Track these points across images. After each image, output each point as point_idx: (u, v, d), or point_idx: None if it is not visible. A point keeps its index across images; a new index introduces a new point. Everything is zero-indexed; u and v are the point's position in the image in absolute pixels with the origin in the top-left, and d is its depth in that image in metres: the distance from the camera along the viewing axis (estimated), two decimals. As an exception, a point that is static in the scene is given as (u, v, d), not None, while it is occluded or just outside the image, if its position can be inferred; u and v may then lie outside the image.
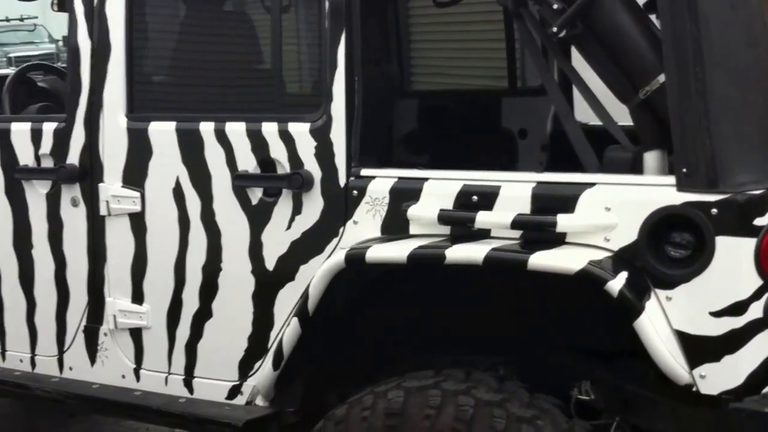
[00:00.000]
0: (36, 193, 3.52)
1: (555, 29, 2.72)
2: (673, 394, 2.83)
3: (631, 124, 2.83)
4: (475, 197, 2.77)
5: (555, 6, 2.72)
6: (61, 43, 26.56)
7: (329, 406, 3.20)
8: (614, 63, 2.74)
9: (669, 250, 2.55)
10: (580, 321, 2.96)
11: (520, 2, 2.87)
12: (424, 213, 2.82)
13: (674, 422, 2.86)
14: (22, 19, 26.21)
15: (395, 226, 2.88)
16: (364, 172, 2.95)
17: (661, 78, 2.63)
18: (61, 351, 3.59)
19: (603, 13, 2.70)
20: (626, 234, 2.58)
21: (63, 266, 3.51)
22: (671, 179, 2.54)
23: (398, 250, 2.79)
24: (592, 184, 2.64)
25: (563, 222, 2.63)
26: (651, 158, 2.73)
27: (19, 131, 3.54)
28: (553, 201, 2.68)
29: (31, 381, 3.60)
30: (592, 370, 2.97)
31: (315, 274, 2.97)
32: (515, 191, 2.73)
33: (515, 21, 2.97)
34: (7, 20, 25.87)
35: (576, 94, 3.14)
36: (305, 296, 2.98)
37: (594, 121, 3.11)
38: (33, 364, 3.66)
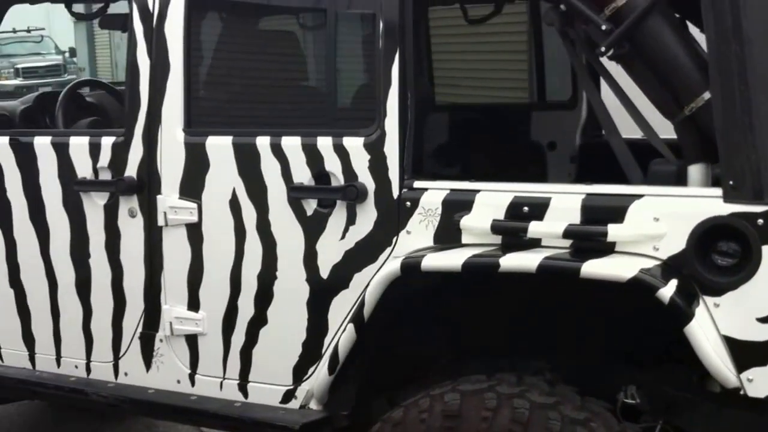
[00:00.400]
0: (94, 205, 3.65)
1: (603, 49, 2.86)
2: (715, 397, 2.98)
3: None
4: (526, 208, 2.90)
5: (603, 27, 2.86)
6: (67, 54, 26.85)
7: (376, 410, 3.35)
8: (659, 81, 2.88)
9: (716, 258, 2.68)
10: (621, 327, 3.10)
11: (567, 23, 3.02)
12: (477, 223, 2.95)
13: (716, 424, 3.00)
14: (29, 30, 26.37)
15: (447, 235, 3.01)
16: (417, 184, 3.08)
17: (706, 95, 2.76)
18: (116, 357, 3.72)
19: (649, 34, 2.84)
20: (675, 243, 2.72)
21: (120, 275, 3.64)
22: (718, 191, 2.68)
23: (453, 259, 2.92)
24: (641, 196, 2.78)
25: (614, 231, 2.76)
26: (695, 171, 2.87)
27: (78, 145, 3.67)
28: (603, 212, 2.81)
29: (87, 386, 3.73)
30: (635, 374, 3.11)
31: (370, 281, 3.11)
32: (565, 202, 2.86)
33: (562, 40, 3.10)
34: (14, 31, 26.01)
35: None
36: (361, 303, 3.11)
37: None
38: (88, 370, 3.79)
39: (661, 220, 2.73)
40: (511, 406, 2.83)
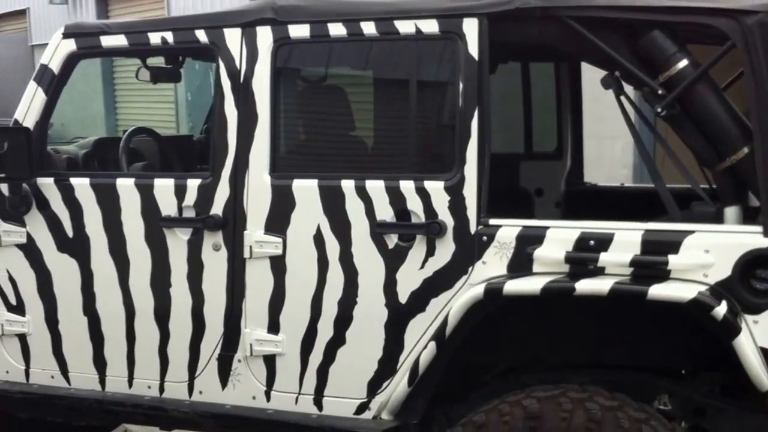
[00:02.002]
0: (177, 239, 4.03)
1: (659, 109, 3.47)
2: (740, 403, 3.59)
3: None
4: (592, 242, 3.46)
5: (660, 92, 3.47)
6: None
7: (437, 419, 3.83)
8: (703, 137, 3.51)
9: (755, 283, 3.30)
10: (653, 343, 3.70)
11: (622, 88, 3.64)
12: (549, 254, 3.49)
13: (741, 426, 3.60)
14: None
15: (520, 265, 3.55)
16: (492, 221, 3.62)
17: (746, 149, 3.40)
18: (192, 377, 4.09)
19: (697, 98, 3.47)
20: (721, 271, 3.32)
21: (200, 302, 4.02)
22: (758, 228, 3.31)
23: (532, 284, 3.46)
24: (693, 232, 3.38)
25: (673, 261, 3.35)
26: (731, 212, 3.50)
27: (163, 186, 4.07)
28: (660, 245, 3.39)
29: (166, 404, 4.09)
30: (667, 384, 3.70)
31: (446, 304, 3.61)
32: (627, 237, 3.43)
33: (617, 101, 3.72)
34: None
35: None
36: (443, 323, 3.61)
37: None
38: (162, 389, 4.14)
39: (711, 251, 3.34)
40: (585, 407, 3.37)
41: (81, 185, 4.20)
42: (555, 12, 3.58)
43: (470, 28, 3.62)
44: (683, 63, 3.47)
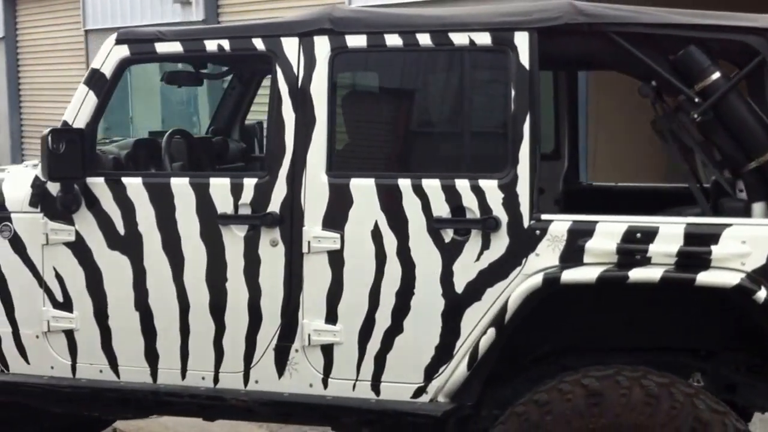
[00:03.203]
0: (233, 236, 4.24)
1: (696, 115, 3.88)
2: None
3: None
4: (638, 234, 3.83)
5: (696, 100, 3.88)
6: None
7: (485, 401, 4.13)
8: (733, 140, 3.92)
9: None
10: (685, 327, 4.10)
11: (660, 96, 4.03)
12: (600, 246, 3.85)
13: None
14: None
15: (571, 256, 3.89)
16: (544, 216, 3.96)
17: None
18: (247, 367, 4.29)
19: (729, 106, 3.89)
20: (757, 259, 3.74)
21: (257, 295, 4.23)
22: None
23: (587, 274, 3.81)
24: (730, 225, 3.79)
25: (716, 251, 3.75)
26: (758, 207, 3.92)
27: (219, 185, 4.26)
28: (701, 237, 3.79)
29: (224, 393, 4.29)
30: (699, 363, 4.10)
31: (507, 293, 3.93)
32: (671, 230, 3.82)
33: (654, 109, 4.10)
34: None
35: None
36: (502, 310, 3.93)
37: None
38: (216, 380, 4.33)
39: (747, 242, 3.75)
40: (641, 384, 3.74)
41: (133, 184, 4.36)
42: (601, 27, 3.95)
43: (521, 40, 3.96)
44: (716, 75, 3.89)
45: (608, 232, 3.87)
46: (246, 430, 6.05)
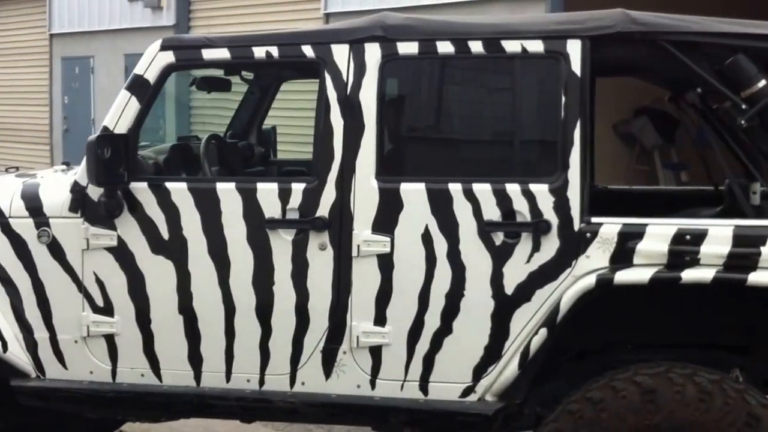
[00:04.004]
0: (281, 240, 4.26)
1: (743, 122, 4.00)
2: None
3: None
4: (688, 236, 3.94)
5: (744, 107, 4.00)
6: None
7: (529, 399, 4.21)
8: None
9: None
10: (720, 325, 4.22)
11: (706, 103, 4.15)
12: (650, 248, 3.94)
13: None
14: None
15: (621, 258, 3.98)
16: (594, 219, 4.05)
17: None
18: (294, 369, 4.31)
19: None
20: None
21: (305, 298, 4.26)
22: None
23: (640, 275, 3.91)
24: None
25: (765, 252, 3.87)
26: (800, 210, 4.07)
27: (267, 189, 4.29)
28: (749, 239, 3.90)
29: (271, 396, 4.31)
30: (738, 359, 4.22)
31: (558, 294, 4.01)
32: (720, 232, 3.93)
33: (702, 114, 4.22)
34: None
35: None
36: (554, 310, 4.00)
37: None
38: (261, 382, 4.35)
39: None
40: (694, 381, 3.84)
41: (178, 189, 4.37)
42: (653, 36, 4.06)
43: (574, 48, 4.05)
44: (763, 82, 4.01)
45: (658, 234, 3.97)
46: (251, 429, 6.05)
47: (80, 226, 4.45)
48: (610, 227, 4.02)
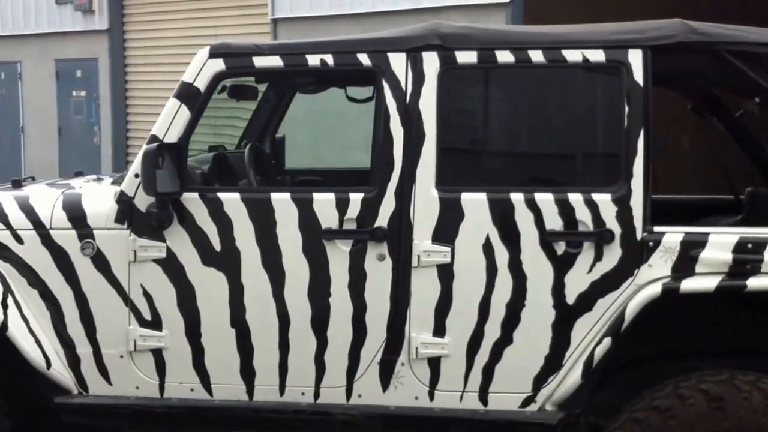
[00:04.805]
0: (338, 251, 4.22)
1: None
2: None
3: None
4: (749, 245, 4.04)
5: None
6: None
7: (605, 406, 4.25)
8: None
9: None
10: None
11: (764, 111, 4.27)
12: (713, 256, 4.03)
13: None
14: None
15: (683, 267, 4.05)
16: (656, 228, 4.12)
17: None
18: (350, 381, 4.27)
19: None
20: None
21: (362, 310, 4.22)
22: None
23: (706, 283, 4.00)
24: None
25: None
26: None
27: (323, 200, 4.24)
28: None
29: (330, 408, 4.25)
30: None
31: (620, 303, 4.06)
32: None
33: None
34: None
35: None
36: (618, 319, 4.05)
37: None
38: (317, 395, 4.29)
39: None
40: (758, 387, 3.95)
41: (231, 199, 4.28)
42: (714, 46, 4.16)
43: (635, 58, 4.11)
44: None
45: (720, 242, 4.06)
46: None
47: (127, 237, 4.32)
48: (673, 236, 4.10)
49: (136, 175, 4.32)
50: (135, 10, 13.49)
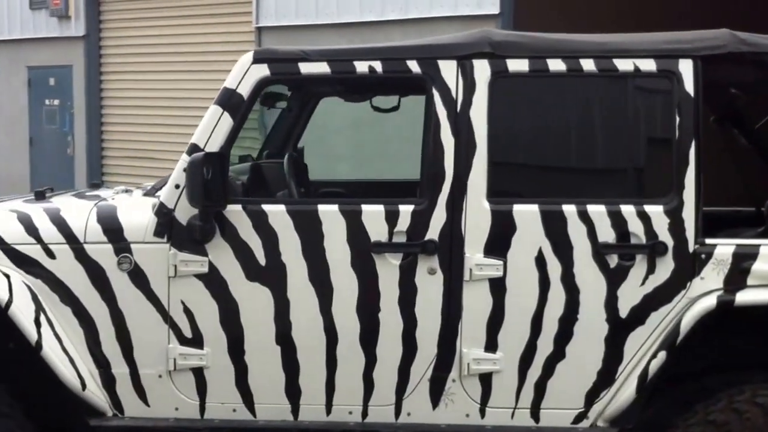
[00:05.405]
0: (388, 264, 4.11)
1: None
2: None
3: None
4: None
5: None
6: None
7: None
8: None
9: None
10: None
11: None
12: (765, 268, 4.00)
13: None
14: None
15: (735, 279, 4.02)
16: (708, 240, 4.07)
17: None
18: (399, 399, 4.16)
19: None
20: None
21: (412, 325, 4.12)
22: None
23: (761, 296, 3.96)
24: None
25: None
26: None
27: (372, 212, 4.13)
28: None
29: (380, 428, 4.14)
30: None
31: (673, 316, 4.01)
32: None
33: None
34: None
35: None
36: (673, 333, 4.00)
37: None
38: (365, 414, 4.18)
39: None
40: None
41: (276, 212, 4.16)
42: (763, 57, 4.13)
43: (686, 68, 4.07)
44: None
45: None
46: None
47: (167, 251, 4.18)
48: (725, 248, 4.06)
49: (176, 186, 4.19)
50: (113, 15, 13.22)
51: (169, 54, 12.49)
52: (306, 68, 4.21)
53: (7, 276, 4.17)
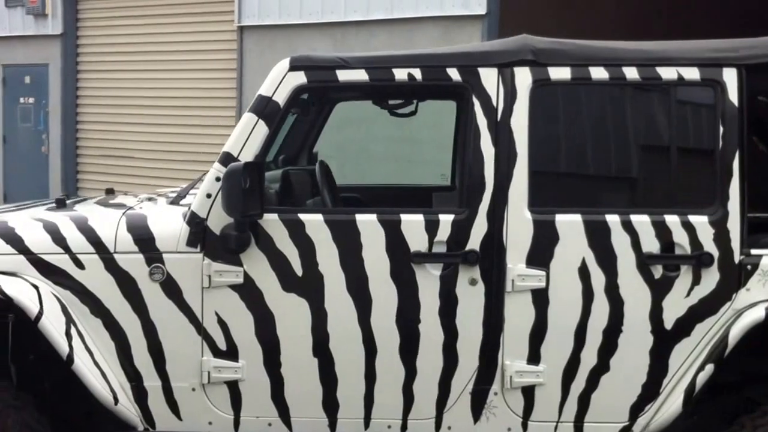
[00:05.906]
0: (428, 275, 4.02)
1: None
2: None
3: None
4: None
5: None
6: None
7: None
8: None
9: None
10: None
11: None
12: None
13: None
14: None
15: None
16: (754, 251, 4.02)
17: None
18: (440, 413, 4.08)
19: None
20: None
21: (453, 337, 4.03)
22: None
23: None
24: None
25: None
26: None
27: (412, 221, 4.03)
28: None
29: None
30: None
31: (719, 328, 3.96)
32: None
33: None
34: None
35: None
36: (720, 345, 3.95)
37: None
38: (404, 428, 4.09)
39: None
40: None
41: (313, 221, 4.06)
42: None
43: (730, 76, 4.02)
44: None
45: None
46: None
47: (200, 261, 4.06)
48: None
49: (208, 196, 4.07)
50: (91, 14, 12.96)
51: (148, 53, 12.27)
52: (344, 76, 4.10)
53: (36, 287, 4.03)
